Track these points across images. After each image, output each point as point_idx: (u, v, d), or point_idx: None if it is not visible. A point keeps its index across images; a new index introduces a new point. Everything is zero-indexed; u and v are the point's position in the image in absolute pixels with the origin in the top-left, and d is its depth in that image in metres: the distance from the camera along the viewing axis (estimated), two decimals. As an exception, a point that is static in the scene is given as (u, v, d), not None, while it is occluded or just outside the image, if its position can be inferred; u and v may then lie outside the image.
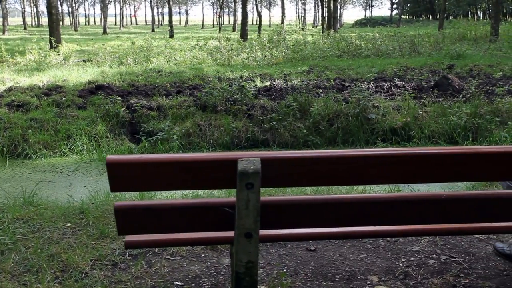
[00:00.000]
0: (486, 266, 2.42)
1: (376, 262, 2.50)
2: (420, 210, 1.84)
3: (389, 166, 1.63)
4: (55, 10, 18.41)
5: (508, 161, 1.72)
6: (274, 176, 1.62)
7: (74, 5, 56.00)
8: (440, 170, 1.66)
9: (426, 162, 1.63)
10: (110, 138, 6.32)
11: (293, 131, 6.58)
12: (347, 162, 1.60)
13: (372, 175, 1.63)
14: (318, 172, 1.61)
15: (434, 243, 2.68)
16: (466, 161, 1.69)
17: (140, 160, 1.51)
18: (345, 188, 3.62)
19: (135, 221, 1.62)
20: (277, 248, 2.66)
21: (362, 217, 1.81)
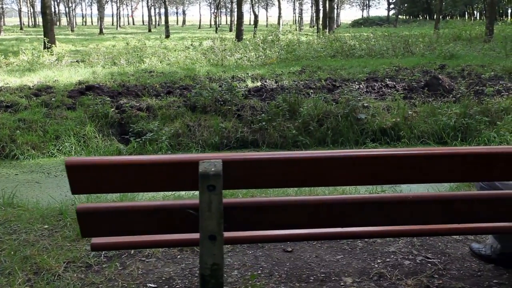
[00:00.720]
0: (460, 267, 2.42)
1: (352, 263, 2.49)
2: (396, 211, 1.84)
3: (351, 167, 1.63)
4: (49, 10, 18.37)
5: (477, 162, 1.72)
6: (238, 178, 1.61)
7: (70, 5, 55.91)
8: (399, 172, 1.65)
9: (386, 163, 1.62)
10: (99, 138, 6.31)
11: (282, 131, 6.59)
12: (311, 163, 1.60)
13: (335, 176, 1.63)
14: (281, 173, 1.60)
15: (412, 244, 2.67)
16: (426, 162, 1.69)
17: (100, 162, 1.51)
18: (327, 189, 3.61)
19: (98, 223, 1.61)
20: (254, 249, 2.65)
21: (329, 219, 1.80)
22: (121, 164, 1.52)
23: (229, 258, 2.55)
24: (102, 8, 44.50)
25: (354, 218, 1.85)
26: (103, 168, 1.50)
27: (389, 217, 1.84)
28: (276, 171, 1.59)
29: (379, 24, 54.88)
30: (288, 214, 1.76)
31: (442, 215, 1.89)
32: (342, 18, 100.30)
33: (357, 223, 1.91)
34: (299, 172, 1.60)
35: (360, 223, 1.92)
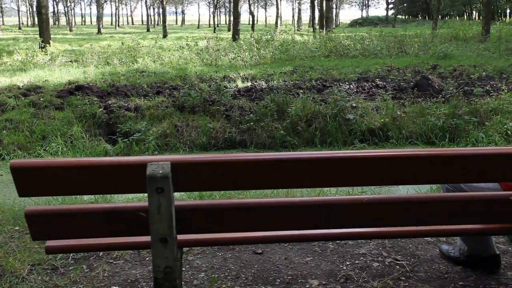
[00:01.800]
0: (428, 269, 2.40)
1: (321, 265, 2.48)
2: (366, 213, 1.82)
3: (307, 169, 1.62)
4: (45, 10, 18.33)
5: (441, 164, 1.70)
6: (189, 180, 1.60)
7: (69, 5, 55.86)
8: (355, 174, 1.64)
9: (339, 165, 1.61)
10: (86, 139, 6.29)
11: (270, 132, 6.56)
12: (261, 165, 1.58)
13: (287, 179, 1.62)
14: (233, 175, 1.59)
15: (382, 245, 2.66)
16: (395, 165, 1.67)
17: (45, 165, 1.49)
18: (301, 192, 3.59)
19: (47, 226, 1.60)
20: (224, 251, 2.64)
21: (283, 222, 1.79)
22: (67, 166, 1.51)
23: (198, 260, 2.54)
24: (100, 7, 44.51)
25: (316, 221, 1.85)
26: (49, 170, 1.49)
27: (358, 219, 1.83)
28: (227, 173, 1.58)
29: (377, 24, 54.86)
30: (248, 216, 1.76)
31: (410, 217, 1.88)
32: (341, 18, 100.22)
33: (325, 225, 1.90)
34: (252, 174, 1.59)
35: (325, 226, 1.92)
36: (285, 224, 1.82)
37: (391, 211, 1.86)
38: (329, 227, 1.93)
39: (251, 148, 6.46)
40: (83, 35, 39.93)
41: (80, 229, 1.62)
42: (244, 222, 1.78)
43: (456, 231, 2.12)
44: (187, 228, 1.75)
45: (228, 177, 1.58)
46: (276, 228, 1.84)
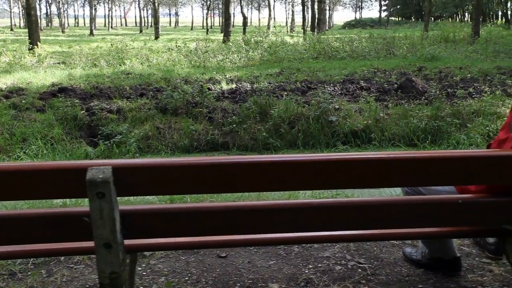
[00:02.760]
0: (390, 272, 2.40)
1: (284, 268, 2.47)
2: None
3: (253, 172, 1.61)
4: (34, 11, 18.22)
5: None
6: (132, 185, 1.58)
7: (61, 6, 55.61)
8: (316, 177, 1.62)
9: (287, 168, 1.60)
10: (67, 141, 6.25)
11: (253, 134, 6.56)
12: (205, 169, 1.57)
13: (233, 182, 1.60)
14: (176, 179, 1.57)
15: (347, 248, 2.65)
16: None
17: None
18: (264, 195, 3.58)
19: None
20: (187, 255, 2.62)
21: (239, 225, 1.78)
22: (6, 170, 1.48)
23: (160, 264, 2.52)
24: (92, 9, 44.35)
25: (268, 224, 1.83)
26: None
27: (321, 223, 1.82)
28: (171, 178, 1.56)
29: (370, 25, 54.97)
30: (202, 220, 1.74)
31: (372, 220, 1.87)
32: (335, 20, 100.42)
33: (288, 229, 1.89)
34: (196, 178, 1.58)
35: (288, 229, 1.91)
36: (241, 227, 1.81)
37: (353, 215, 1.85)
38: (293, 230, 1.93)
39: (233, 150, 6.45)
40: (75, 36, 39.79)
41: (21, 234, 1.59)
42: (197, 227, 1.76)
43: (416, 234, 2.12)
44: (136, 232, 1.73)
45: (171, 182, 1.56)
46: (234, 232, 1.83)
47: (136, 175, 1.56)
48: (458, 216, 1.84)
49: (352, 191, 3.84)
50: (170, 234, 1.79)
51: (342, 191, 3.78)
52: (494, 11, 51.34)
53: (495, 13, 52.47)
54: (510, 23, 35.80)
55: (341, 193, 3.82)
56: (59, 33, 46.07)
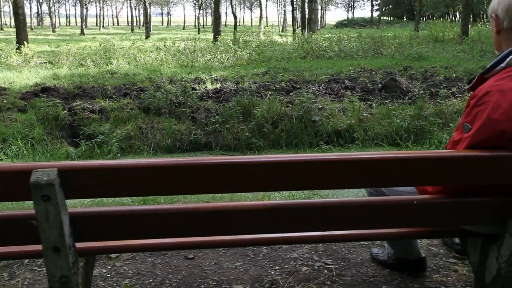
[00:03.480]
0: (356, 273, 2.39)
1: (250, 270, 2.45)
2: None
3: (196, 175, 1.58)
4: (21, 10, 18.06)
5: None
6: (79, 187, 1.55)
7: (52, 6, 55.23)
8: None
9: (248, 170, 1.57)
10: (48, 141, 6.19)
11: (236, 134, 6.54)
12: (150, 172, 1.54)
13: (177, 186, 1.58)
14: (124, 182, 1.55)
15: (315, 249, 2.64)
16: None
17: None
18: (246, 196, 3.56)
19: None
20: (155, 256, 2.60)
21: (192, 228, 1.76)
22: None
23: (125, 266, 2.50)
24: (83, 8, 44.07)
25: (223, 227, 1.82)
26: None
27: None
28: (118, 180, 1.54)
29: (362, 25, 55.21)
30: (154, 222, 1.72)
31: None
32: (328, 19, 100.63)
33: (243, 230, 1.88)
34: (143, 180, 1.55)
35: (248, 231, 1.89)
36: (193, 229, 1.79)
37: (321, 216, 1.83)
38: (262, 232, 1.91)
39: (216, 150, 6.43)
40: (66, 36, 39.54)
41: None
42: (155, 229, 1.74)
43: (381, 235, 2.11)
44: (89, 235, 1.71)
45: (119, 184, 1.54)
46: (198, 234, 1.81)
47: (83, 177, 1.53)
48: (416, 217, 1.83)
49: (328, 191, 3.84)
50: (126, 236, 1.76)
51: (318, 192, 3.78)
52: (485, 11, 51.67)
53: (486, 13, 52.83)
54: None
55: (316, 194, 3.82)
56: (49, 32, 45.77)
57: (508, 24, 1.66)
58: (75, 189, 1.55)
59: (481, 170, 1.64)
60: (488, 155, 1.61)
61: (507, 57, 1.65)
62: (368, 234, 2.07)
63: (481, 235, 1.93)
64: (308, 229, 1.95)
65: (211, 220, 1.76)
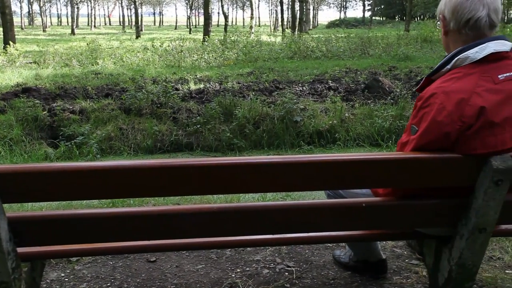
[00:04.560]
0: (317, 275, 2.38)
1: (211, 273, 2.43)
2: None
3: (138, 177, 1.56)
4: (8, 10, 17.91)
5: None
6: (17, 191, 1.52)
7: (42, 5, 54.83)
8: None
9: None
10: (26, 142, 6.13)
11: (217, 134, 6.51)
12: (88, 174, 1.51)
13: (120, 189, 1.55)
14: (62, 185, 1.52)
15: (279, 252, 2.62)
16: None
17: None
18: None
19: None
20: (116, 259, 2.57)
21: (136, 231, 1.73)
22: None
23: (85, 269, 2.46)
24: (73, 8, 43.79)
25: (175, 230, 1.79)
26: None
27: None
28: (56, 183, 1.51)
29: (354, 25, 55.29)
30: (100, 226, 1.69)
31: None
32: (320, 19, 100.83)
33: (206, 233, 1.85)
34: (84, 184, 1.52)
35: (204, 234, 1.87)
36: (138, 233, 1.76)
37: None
38: (225, 234, 1.89)
39: (197, 151, 6.40)
40: (56, 35, 39.29)
41: None
42: (101, 233, 1.71)
43: (342, 237, 2.09)
44: (32, 240, 1.68)
45: (57, 187, 1.51)
46: (130, 238, 1.78)
47: (20, 181, 1.50)
48: (367, 220, 1.82)
49: (301, 193, 3.82)
50: (71, 240, 1.73)
51: (290, 194, 3.76)
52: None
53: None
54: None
55: (289, 196, 3.80)
56: (40, 32, 45.45)
57: (454, 26, 1.66)
58: (12, 193, 1.52)
59: (426, 172, 1.63)
60: (432, 157, 1.60)
61: (453, 59, 1.64)
62: (325, 237, 2.06)
63: (435, 237, 1.92)
64: (269, 231, 1.94)
65: (167, 223, 1.74)
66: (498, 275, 2.32)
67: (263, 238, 2.03)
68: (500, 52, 1.59)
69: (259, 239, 2.03)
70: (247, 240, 2.03)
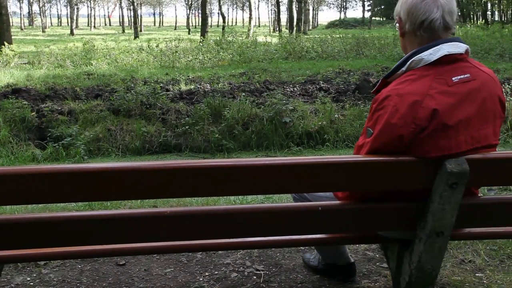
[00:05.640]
0: (285, 279, 2.35)
1: (179, 276, 2.41)
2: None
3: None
4: (5, 10, 17.89)
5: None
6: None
7: (42, 6, 54.90)
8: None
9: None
10: (14, 143, 6.12)
11: (206, 135, 6.49)
12: (46, 178, 1.49)
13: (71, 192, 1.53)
14: (23, 188, 1.49)
15: (250, 255, 2.60)
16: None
17: None
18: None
19: None
20: (85, 263, 2.55)
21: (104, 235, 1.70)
22: None
23: (52, 273, 2.44)
24: (72, 9, 43.84)
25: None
26: None
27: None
28: (15, 187, 1.48)
29: (353, 25, 55.28)
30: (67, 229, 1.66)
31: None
32: (320, 20, 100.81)
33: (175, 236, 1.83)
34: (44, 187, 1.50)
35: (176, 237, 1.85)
36: (102, 237, 1.74)
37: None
38: (194, 238, 1.87)
39: (186, 152, 6.38)
40: (55, 36, 39.31)
41: None
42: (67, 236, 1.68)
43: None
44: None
45: (30, 190, 1.47)
46: (101, 242, 1.76)
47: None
48: (326, 223, 1.80)
49: (279, 196, 3.79)
50: (39, 244, 1.70)
51: (271, 196, 3.73)
52: (475, 12, 51.97)
53: (476, 14, 53.12)
54: (489, 23, 36.25)
55: (269, 198, 3.77)
56: (39, 33, 45.49)
57: (410, 27, 1.64)
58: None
59: (381, 176, 1.60)
60: (385, 160, 1.57)
61: (407, 61, 1.62)
62: (298, 240, 2.03)
63: (397, 241, 1.90)
64: (238, 235, 1.92)
65: (138, 227, 1.71)
66: (467, 278, 2.30)
67: (231, 242, 2.01)
68: (454, 54, 1.57)
69: (227, 242, 2.01)
70: (216, 243, 2.01)
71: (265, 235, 1.97)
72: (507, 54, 13.33)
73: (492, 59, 12.48)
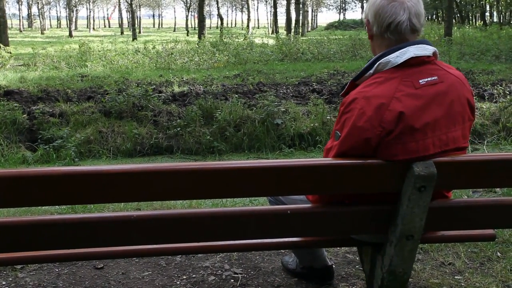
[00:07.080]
0: (263, 282, 2.34)
1: (156, 280, 2.39)
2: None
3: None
4: (1, 12, 17.94)
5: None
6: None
7: (40, 8, 54.92)
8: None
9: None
10: (4, 146, 6.09)
11: (198, 137, 6.47)
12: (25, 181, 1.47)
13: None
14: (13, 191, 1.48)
15: (229, 258, 2.59)
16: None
17: None
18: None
19: None
20: (63, 266, 2.53)
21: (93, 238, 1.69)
22: None
23: (28, 277, 2.43)
24: (71, 11, 43.84)
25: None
26: None
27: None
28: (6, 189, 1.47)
29: (353, 27, 55.26)
30: (43, 233, 1.65)
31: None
32: (320, 21, 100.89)
33: (154, 240, 1.82)
34: (29, 191, 1.48)
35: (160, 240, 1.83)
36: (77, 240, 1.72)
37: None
38: (173, 241, 1.85)
39: (177, 154, 6.35)
40: (54, 38, 39.28)
41: None
42: (44, 240, 1.67)
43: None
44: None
45: (11, 194, 1.46)
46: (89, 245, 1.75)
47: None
48: (296, 227, 1.78)
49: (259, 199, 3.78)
50: (16, 248, 1.69)
51: (257, 199, 3.72)
52: (473, 12, 51.98)
53: (474, 15, 53.14)
54: (487, 24, 36.27)
55: (256, 200, 3.76)
56: (38, 35, 45.48)
57: (377, 30, 1.63)
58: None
59: (348, 179, 1.59)
60: (353, 163, 1.56)
61: (375, 63, 1.61)
62: (274, 243, 2.02)
63: (371, 244, 1.88)
64: (221, 237, 1.91)
65: (116, 230, 1.69)
66: (446, 281, 2.28)
67: (209, 245, 1.99)
68: (421, 57, 1.56)
69: (204, 246, 2.00)
70: (194, 246, 1.99)
71: (235, 238, 1.95)
72: (503, 55, 13.33)
73: (487, 60, 12.47)
